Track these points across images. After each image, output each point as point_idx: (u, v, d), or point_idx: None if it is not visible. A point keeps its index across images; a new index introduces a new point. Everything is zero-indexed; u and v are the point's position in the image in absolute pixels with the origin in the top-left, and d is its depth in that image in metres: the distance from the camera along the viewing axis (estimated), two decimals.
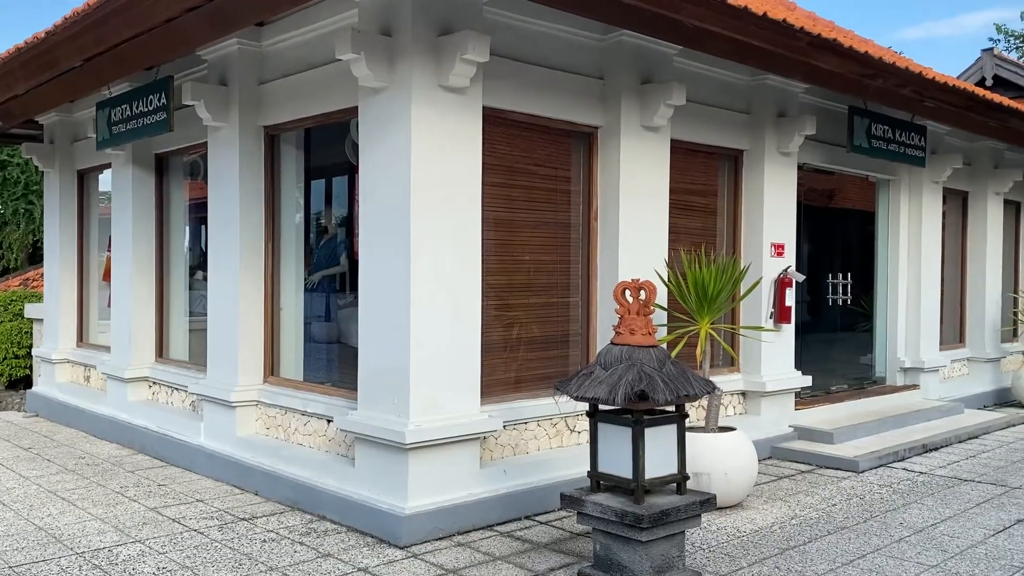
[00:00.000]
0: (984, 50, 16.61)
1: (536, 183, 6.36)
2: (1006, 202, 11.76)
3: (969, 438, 8.69)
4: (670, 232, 7.02)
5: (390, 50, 5.27)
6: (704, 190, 7.76)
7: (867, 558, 4.97)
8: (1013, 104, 8.66)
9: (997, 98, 8.44)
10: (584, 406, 4.52)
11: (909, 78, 7.02)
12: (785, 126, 7.77)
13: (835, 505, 6.13)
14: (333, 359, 7.00)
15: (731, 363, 7.87)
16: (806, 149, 8.32)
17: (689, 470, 5.74)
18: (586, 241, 6.67)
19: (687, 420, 4.55)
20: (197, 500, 6.19)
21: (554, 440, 6.31)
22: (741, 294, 7.14)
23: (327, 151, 7.01)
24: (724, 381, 7.55)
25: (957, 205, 11.20)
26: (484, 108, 5.62)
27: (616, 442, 4.32)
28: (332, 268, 7.14)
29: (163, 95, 6.93)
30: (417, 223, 5.23)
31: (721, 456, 5.84)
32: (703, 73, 7.32)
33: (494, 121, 5.86)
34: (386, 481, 5.32)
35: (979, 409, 10.38)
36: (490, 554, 5.01)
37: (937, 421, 9.07)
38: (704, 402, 6.64)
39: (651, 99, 6.48)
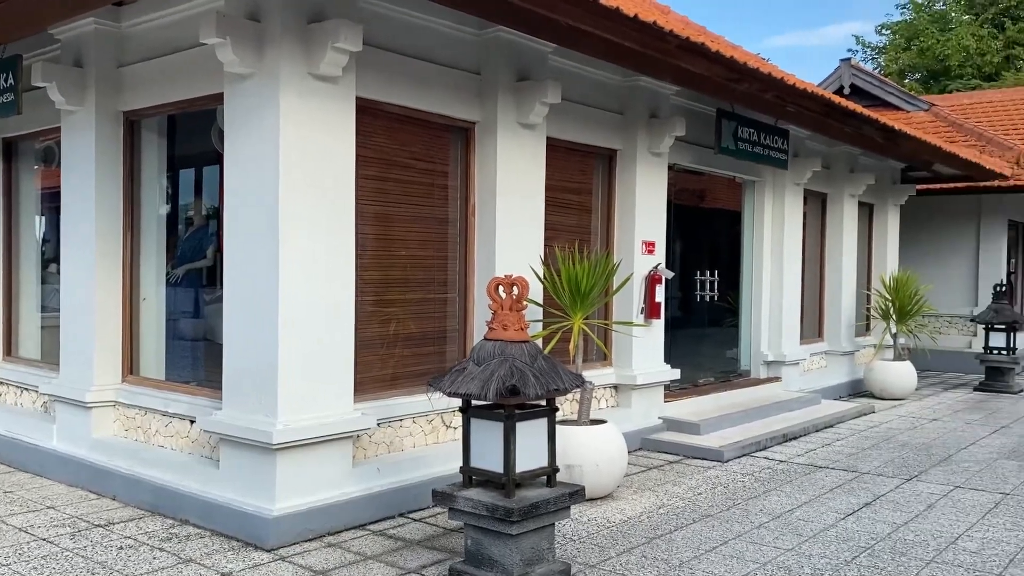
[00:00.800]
0: (842, 60, 17.63)
1: (414, 177, 6.30)
2: (861, 204, 12.51)
3: (825, 427, 9.19)
4: (546, 229, 7.10)
5: (258, 36, 5.09)
6: (579, 188, 7.89)
7: (728, 544, 5.17)
8: (866, 112, 9.20)
9: (851, 106, 8.95)
10: (459, 402, 4.50)
11: (772, 83, 7.35)
12: (657, 127, 7.99)
13: (701, 494, 6.35)
14: (199, 357, 6.71)
15: (604, 357, 8.04)
16: (677, 150, 8.59)
17: (561, 463, 5.82)
18: (463, 237, 6.65)
19: (559, 414, 4.61)
20: (48, 507, 5.81)
21: (430, 437, 6.27)
22: (613, 290, 7.30)
23: (193, 139, 6.71)
24: (597, 375, 7.70)
25: (817, 206, 11.82)
26: (358, 99, 5.51)
27: (488, 437, 4.32)
28: (198, 261, 6.84)
29: (10, 75, 6.46)
30: (286, 216, 5.07)
31: (592, 448, 5.95)
32: (579, 72, 7.43)
33: (369, 112, 5.76)
34: (253, 482, 5.15)
35: (836, 400, 11.01)
36: (361, 554, 4.93)
37: (797, 412, 9.55)
38: (577, 396, 6.74)
39: (527, 96, 6.52)
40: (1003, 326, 12.66)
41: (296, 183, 5.11)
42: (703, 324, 10.21)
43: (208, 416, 5.42)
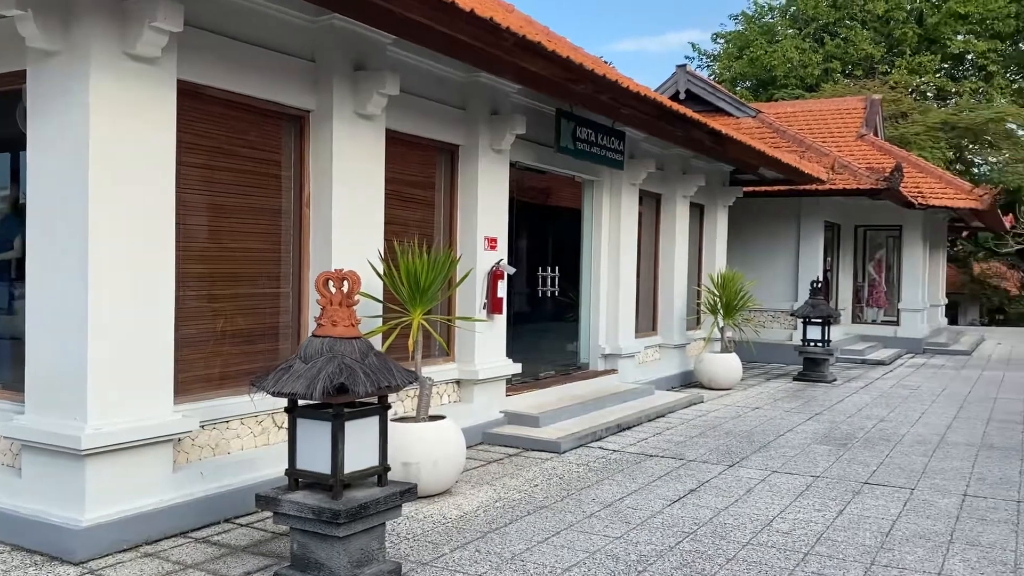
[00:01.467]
0: (678, 66, 18.43)
1: (245, 166, 6.03)
2: (692, 205, 13.12)
3: (658, 417, 9.58)
4: (388, 223, 7.00)
5: (66, 9, 4.71)
6: (422, 182, 7.82)
7: (561, 534, 5.27)
8: (696, 116, 9.63)
9: (682, 110, 9.34)
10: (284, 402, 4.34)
11: (607, 85, 7.55)
12: (498, 124, 8.04)
13: (537, 486, 6.45)
14: (5, 357, 6.15)
15: (447, 353, 8.02)
16: (519, 147, 8.68)
17: (398, 461, 5.78)
18: (298, 229, 6.43)
19: (400, 410, 4.55)
20: None
21: (260, 438, 6.03)
22: (454, 285, 7.29)
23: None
24: (439, 370, 7.68)
25: (652, 206, 12.29)
26: (181, 82, 5.21)
27: (316, 437, 4.19)
28: (5, 253, 6.26)
29: None
30: (96, 204, 4.72)
31: (430, 445, 5.91)
32: (420, 65, 7.36)
33: (194, 97, 5.47)
34: (59, 492, 4.77)
35: (668, 390, 11.50)
36: (181, 563, 4.66)
37: (632, 402, 9.90)
38: (417, 392, 6.68)
39: (364, 86, 6.38)
40: (819, 320, 13.62)
41: (107, 171, 4.77)
42: (545, 319, 10.39)
43: (9, 421, 4.98)
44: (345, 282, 4.33)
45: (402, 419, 6.28)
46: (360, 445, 4.24)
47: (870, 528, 5.51)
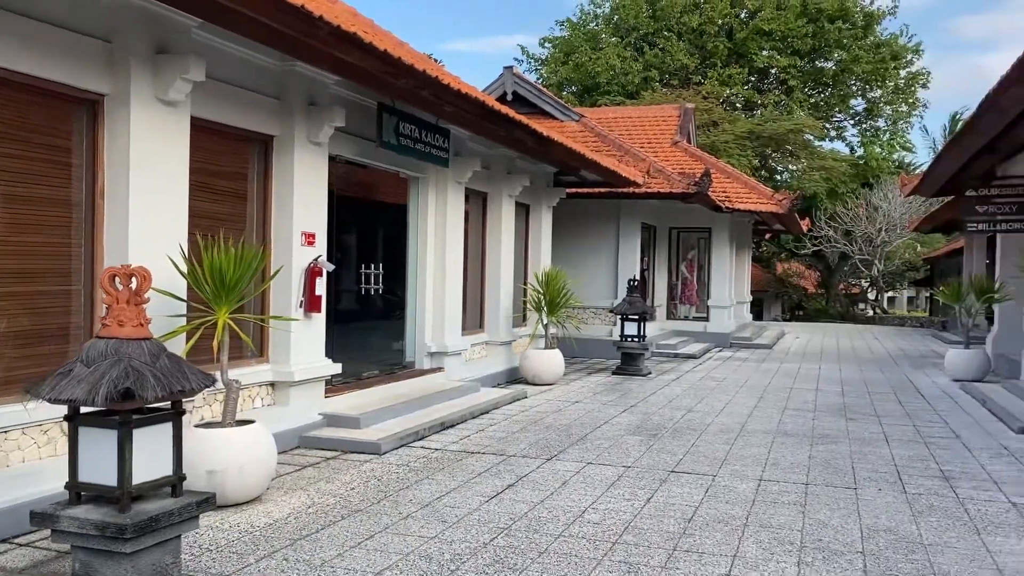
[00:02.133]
0: (505, 68, 18.67)
1: (30, 153, 5.50)
2: (518, 204, 13.33)
3: (482, 414, 9.63)
4: (193, 216, 6.62)
5: None
6: (233, 174, 7.45)
7: (375, 538, 5.16)
8: (519, 117, 9.78)
9: (505, 110, 9.45)
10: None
11: (428, 81, 7.49)
12: (316, 115, 7.80)
13: (353, 489, 6.29)
14: None
15: (260, 353, 7.69)
16: (340, 141, 8.47)
17: (202, 469, 5.46)
18: (90, 222, 5.94)
19: (199, 416, 4.27)
20: None
21: (46, 449, 5.51)
22: (265, 282, 6.99)
23: None
24: (251, 372, 7.35)
25: (479, 204, 12.37)
26: None
27: (100, 447, 3.85)
28: None
29: None
30: None
31: (237, 451, 5.62)
32: (231, 51, 7.00)
33: None
34: None
35: (495, 387, 11.61)
36: None
37: (457, 400, 9.90)
38: (222, 396, 6.34)
39: (166, 70, 5.99)
40: (636, 316, 14.21)
41: None
42: (370, 317, 10.20)
43: None
44: (134, 278, 4.02)
45: (207, 424, 5.95)
46: (151, 454, 3.95)
47: (674, 515, 5.76)
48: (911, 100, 42.09)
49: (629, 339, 14.20)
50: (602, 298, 17.34)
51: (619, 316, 14.45)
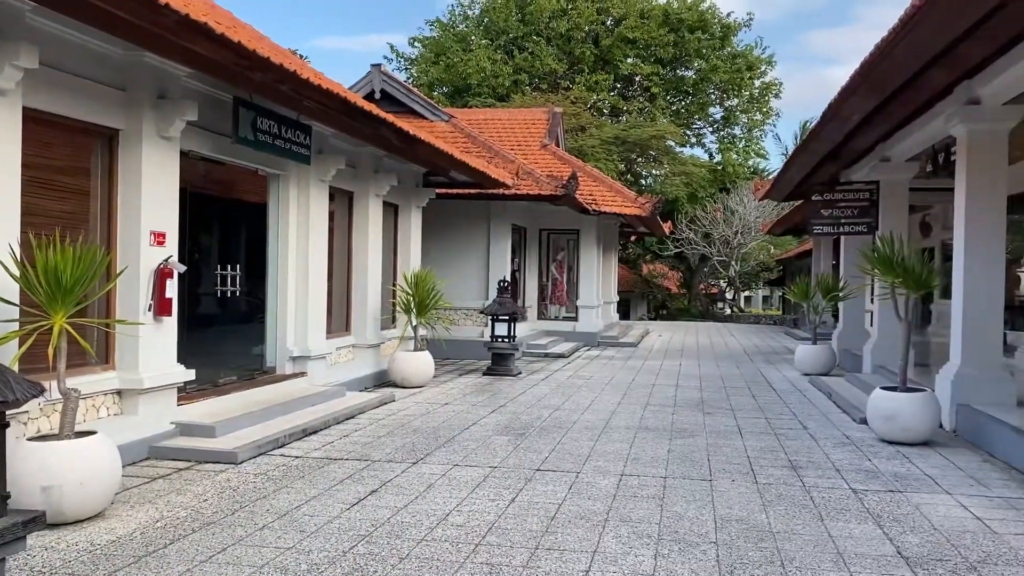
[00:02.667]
0: (373, 65, 18.40)
1: None
2: (386, 204, 13.13)
3: (347, 419, 9.41)
4: (27, 215, 6.15)
5: None
6: (73, 169, 6.97)
7: (227, 551, 4.92)
8: (383, 115, 9.63)
9: (369, 107, 9.28)
10: None
11: (285, 75, 7.25)
12: (166, 109, 7.40)
13: (206, 501, 6.00)
14: None
15: (106, 360, 7.22)
16: (194, 136, 8.08)
17: (36, 484, 5.09)
18: None
19: (35, 429, 3.93)
20: None
21: None
22: (109, 283, 6.57)
23: None
24: (95, 380, 6.90)
25: (344, 204, 12.10)
26: None
27: None
28: None
29: None
30: None
31: (75, 465, 5.24)
32: (70, 38, 6.54)
33: None
34: None
35: (361, 391, 11.39)
36: None
37: (320, 405, 9.64)
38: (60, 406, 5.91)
39: None
40: (506, 317, 14.29)
41: None
42: (228, 321, 9.79)
43: None
44: None
45: (42, 437, 5.53)
46: None
47: (538, 514, 5.79)
48: (765, 109, 44.41)
49: (500, 340, 14.27)
50: (473, 299, 17.36)
51: (490, 317, 14.49)
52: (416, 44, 43.21)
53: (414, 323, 12.56)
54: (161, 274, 7.47)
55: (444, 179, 14.71)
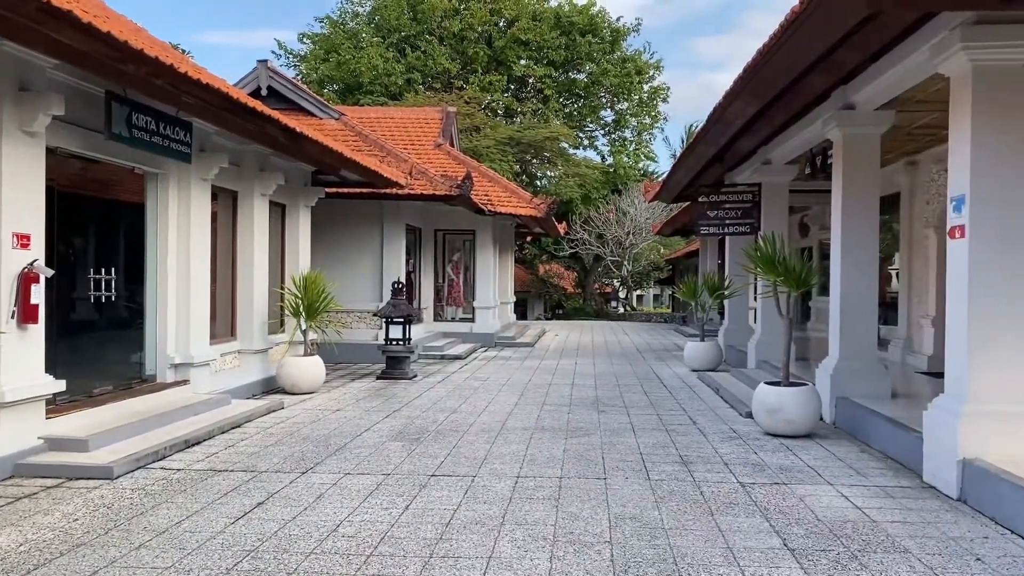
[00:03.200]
0: (259, 61, 17.85)
1: None
2: (273, 204, 12.70)
3: (233, 428, 9.04)
4: None
5: None
6: None
7: (99, 574, 4.59)
8: (268, 111, 9.28)
9: (253, 103, 8.93)
10: None
11: (161, 69, 6.87)
12: (28, 102, 6.90)
13: (77, 520, 5.61)
14: None
15: None
16: (62, 132, 7.58)
17: None
18: None
19: None
20: None
21: None
22: None
23: None
24: None
25: (228, 203, 11.63)
26: None
27: None
28: None
29: None
30: None
31: None
32: None
33: None
34: None
35: (248, 399, 10.98)
36: None
37: (204, 415, 9.22)
38: None
39: None
40: (401, 319, 14.07)
41: None
42: (102, 327, 9.22)
43: None
44: None
45: None
46: None
47: (432, 520, 5.67)
48: (654, 113, 45.55)
49: (394, 342, 14.04)
50: (367, 301, 17.05)
51: (384, 319, 14.24)
52: (306, 40, 42.25)
53: (304, 327, 12.20)
54: (26, 279, 6.95)
55: (335, 178, 14.36)
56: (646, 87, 44.72)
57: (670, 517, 5.77)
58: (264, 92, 17.30)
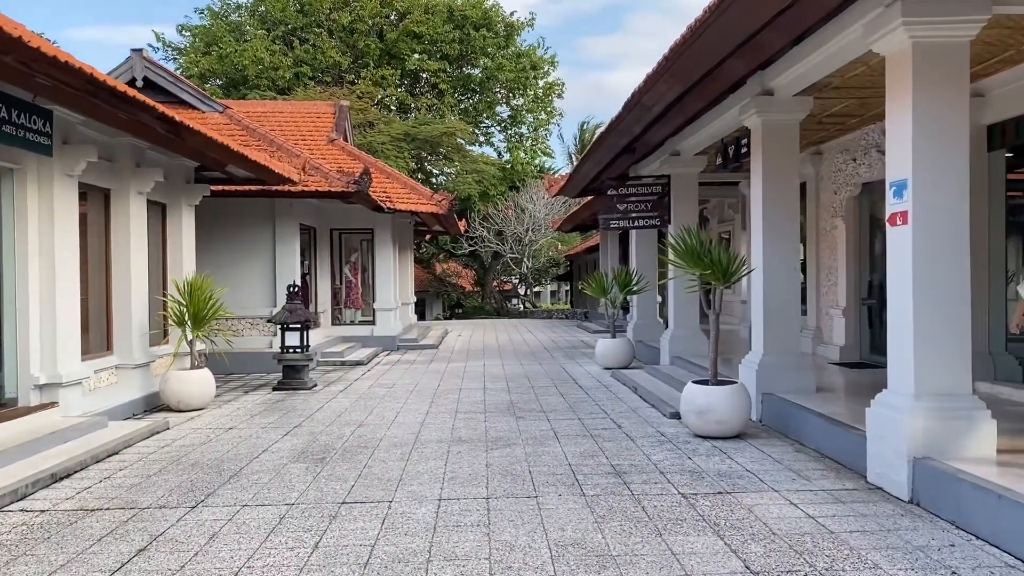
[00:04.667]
0: (134, 50, 16.47)
1: None
2: (152, 203, 11.53)
3: (109, 455, 7.97)
4: None
5: None
6: None
7: None
8: (141, 97, 8.23)
9: (123, 88, 7.87)
10: None
11: (9, 44, 5.83)
12: None
13: None
14: None
15: None
16: None
17: None
18: None
19: None
20: None
21: None
22: None
23: None
24: None
25: (99, 203, 10.43)
26: None
27: None
28: None
29: None
30: None
31: None
32: None
33: None
34: None
35: (128, 419, 9.88)
36: None
37: (76, 442, 8.12)
38: None
39: None
40: (297, 325, 13.09)
41: None
42: None
43: None
44: None
45: None
46: None
47: (348, 561, 4.91)
48: (549, 109, 45.38)
49: (291, 350, 13.06)
50: (260, 307, 15.92)
51: (279, 326, 13.23)
52: (185, 32, 40.03)
53: (190, 337, 11.09)
54: None
55: (221, 175, 13.24)
56: (541, 83, 44.51)
57: (615, 540, 5.20)
58: (139, 83, 15.94)
